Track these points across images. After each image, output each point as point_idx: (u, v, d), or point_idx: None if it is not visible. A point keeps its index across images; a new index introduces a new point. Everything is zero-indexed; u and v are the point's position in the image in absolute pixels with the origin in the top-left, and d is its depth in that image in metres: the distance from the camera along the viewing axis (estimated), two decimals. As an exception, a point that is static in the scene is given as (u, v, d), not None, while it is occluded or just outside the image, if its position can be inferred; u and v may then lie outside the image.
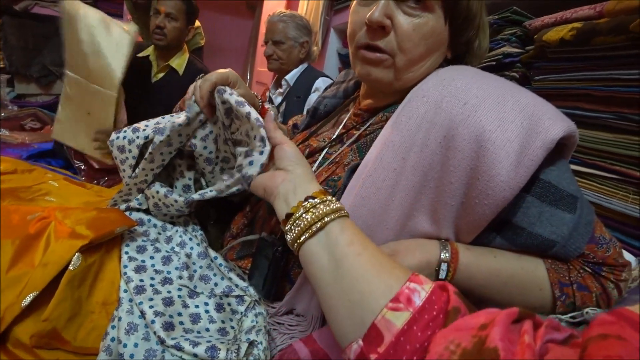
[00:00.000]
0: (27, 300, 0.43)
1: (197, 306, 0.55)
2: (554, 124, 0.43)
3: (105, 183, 1.21)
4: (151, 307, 0.50)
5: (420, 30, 0.53)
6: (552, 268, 0.49)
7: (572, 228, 0.46)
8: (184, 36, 1.62)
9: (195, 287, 0.58)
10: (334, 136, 0.67)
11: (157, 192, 0.65)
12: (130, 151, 0.65)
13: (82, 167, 1.26)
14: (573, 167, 0.81)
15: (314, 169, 0.65)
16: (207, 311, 0.55)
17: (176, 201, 0.64)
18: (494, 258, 0.49)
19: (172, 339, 0.46)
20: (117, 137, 0.66)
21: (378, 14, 0.51)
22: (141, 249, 0.60)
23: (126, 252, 0.57)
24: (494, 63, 0.96)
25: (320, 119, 0.77)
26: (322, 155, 0.66)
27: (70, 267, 0.45)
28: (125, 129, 0.66)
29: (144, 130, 0.65)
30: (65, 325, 0.45)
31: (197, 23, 2.94)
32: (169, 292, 0.55)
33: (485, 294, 0.50)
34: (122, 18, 2.72)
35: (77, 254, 0.46)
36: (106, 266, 0.51)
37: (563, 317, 0.49)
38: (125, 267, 0.55)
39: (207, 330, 0.52)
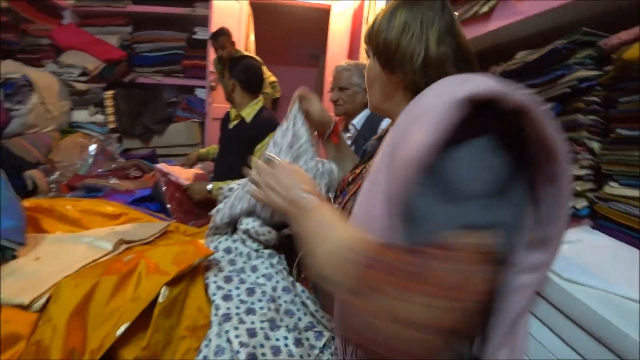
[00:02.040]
0: (121, 330, 0.50)
1: (277, 339, 0.59)
2: (468, 86, 0.40)
3: (194, 224, 1.35)
4: (237, 336, 0.55)
5: (368, 73, 0.70)
6: None
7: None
8: (228, 89, 1.81)
9: (281, 319, 0.62)
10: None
11: (248, 223, 0.74)
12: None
13: (174, 209, 1.43)
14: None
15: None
16: (286, 345, 0.59)
17: (269, 232, 0.73)
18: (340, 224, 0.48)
19: None
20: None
21: None
22: (228, 279, 0.66)
23: (215, 282, 0.65)
24: (569, 90, 0.89)
25: (369, 158, 0.80)
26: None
27: (160, 300, 0.51)
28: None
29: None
30: (162, 351, 0.51)
31: (273, 77, 3.26)
32: (252, 322, 0.59)
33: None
34: (205, 79, 3.12)
35: (164, 287, 0.52)
36: (191, 294, 0.58)
37: None
38: (214, 294, 0.62)
39: None
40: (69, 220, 1.05)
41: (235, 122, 1.81)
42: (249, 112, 1.78)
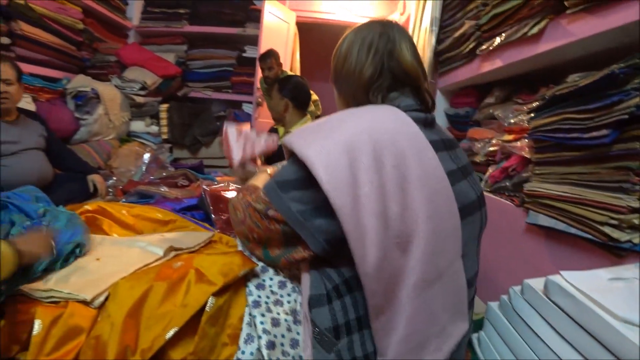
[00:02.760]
0: (170, 333, 0.54)
1: (298, 333, 0.62)
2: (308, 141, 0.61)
3: (235, 235, 1.41)
4: (262, 322, 0.59)
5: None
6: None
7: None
8: (280, 108, 1.85)
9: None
10: None
11: None
12: None
13: (220, 218, 1.50)
14: None
15: None
16: (305, 341, 0.61)
17: None
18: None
19: (270, 358, 0.54)
20: None
21: None
22: (264, 269, 0.71)
23: (258, 274, 0.70)
24: (626, 117, 0.85)
25: None
26: None
27: (207, 309, 0.55)
28: None
29: None
30: (207, 356, 0.55)
31: (315, 96, 3.35)
32: (278, 313, 0.63)
33: None
34: (252, 95, 3.27)
35: (211, 297, 0.56)
36: (234, 304, 0.62)
37: None
38: (249, 282, 0.67)
39: (301, 357, 0.57)
40: (124, 224, 1.15)
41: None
42: (294, 129, 1.84)
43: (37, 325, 0.58)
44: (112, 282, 0.72)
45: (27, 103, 2.15)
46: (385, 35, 0.72)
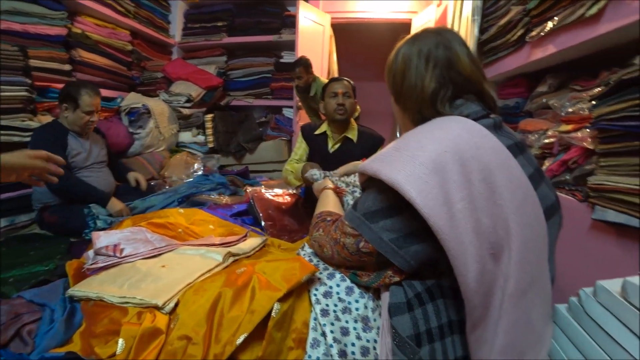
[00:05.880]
0: (240, 339, 0.57)
1: (367, 340, 0.63)
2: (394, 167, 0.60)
3: (287, 239, 1.44)
4: (332, 331, 0.60)
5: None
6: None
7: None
8: (354, 110, 1.86)
9: (374, 319, 0.66)
10: None
11: None
12: None
13: (268, 226, 1.55)
14: None
15: None
16: (374, 347, 0.63)
17: None
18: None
19: None
20: None
21: None
22: (331, 276, 0.72)
23: (319, 278, 0.71)
24: None
25: None
26: None
27: (273, 314, 0.58)
28: None
29: None
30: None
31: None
32: (346, 321, 0.64)
33: None
34: (292, 99, 3.32)
35: (276, 303, 0.58)
36: (298, 309, 0.64)
37: None
38: (316, 289, 0.68)
39: None
40: (182, 230, 1.22)
41: (337, 146, 1.86)
42: (354, 133, 1.85)
43: (120, 344, 0.62)
44: (180, 287, 0.77)
45: (89, 122, 2.34)
46: (442, 44, 0.70)
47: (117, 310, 0.75)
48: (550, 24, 1.32)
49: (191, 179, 2.52)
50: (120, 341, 0.62)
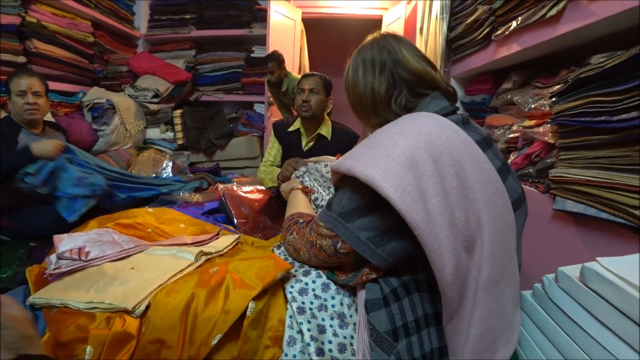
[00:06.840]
0: (216, 340, 0.56)
1: (344, 337, 0.63)
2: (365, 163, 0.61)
3: (260, 236, 1.43)
4: (309, 330, 0.61)
5: None
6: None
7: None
8: (324, 107, 1.81)
9: (351, 315, 0.66)
10: None
11: None
12: None
13: (240, 224, 1.52)
14: None
15: None
16: (351, 344, 0.63)
17: None
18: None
19: None
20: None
21: None
22: (306, 273, 0.72)
23: (294, 275, 0.71)
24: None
25: None
26: None
27: (248, 314, 0.57)
28: None
29: None
30: (251, 359, 0.56)
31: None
32: (323, 319, 0.64)
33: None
34: (263, 95, 3.28)
35: (251, 302, 0.57)
36: (273, 306, 0.64)
37: None
38: (292, 287, 0.67)
39: None
40: (152, 230, 1.17)
41: (311, 144, 1.83)
42: (327, 130, 1.82)
43: (89, 351, 0.60)
44: (151, 290, 0.74)
45: (46, 118, 2.20)
46: (385, 48, 0.73)
47: (84, 316, 0.71)
48: (514, 24, 1.38)
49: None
50: (89, 348, 0.59)
